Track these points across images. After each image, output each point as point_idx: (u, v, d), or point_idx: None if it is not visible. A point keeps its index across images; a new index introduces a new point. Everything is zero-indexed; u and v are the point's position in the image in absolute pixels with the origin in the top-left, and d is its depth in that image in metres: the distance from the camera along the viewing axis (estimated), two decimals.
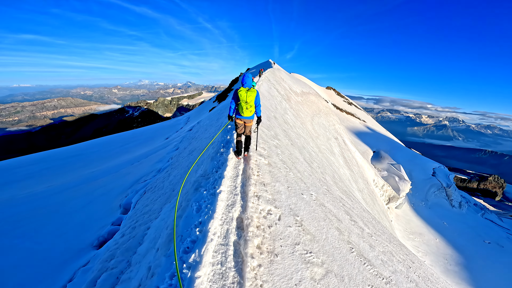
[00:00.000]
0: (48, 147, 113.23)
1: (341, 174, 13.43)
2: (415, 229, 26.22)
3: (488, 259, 22.41)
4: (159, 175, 7.28)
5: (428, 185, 37.71)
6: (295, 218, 3.79)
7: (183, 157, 7.87)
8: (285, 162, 6.02)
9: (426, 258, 21.17)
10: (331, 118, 30.44)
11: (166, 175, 6.88)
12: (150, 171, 8.10)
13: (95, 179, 8.80)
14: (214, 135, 7.70)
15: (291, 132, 10.74)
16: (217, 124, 9.77)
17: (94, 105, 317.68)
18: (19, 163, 15.59)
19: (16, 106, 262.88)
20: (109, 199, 6.65)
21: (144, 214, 5.14)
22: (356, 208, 7.27)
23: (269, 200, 3.87)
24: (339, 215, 5.23)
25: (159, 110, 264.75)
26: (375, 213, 13.99)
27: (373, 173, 25.75)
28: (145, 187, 6.71)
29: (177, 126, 26.53)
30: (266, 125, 8.22)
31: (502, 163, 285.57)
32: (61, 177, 10.27)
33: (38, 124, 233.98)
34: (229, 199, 3.62)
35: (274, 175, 4.82)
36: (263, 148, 5.90)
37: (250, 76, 4.89)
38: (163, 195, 5.52)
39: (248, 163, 4.86)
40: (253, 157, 5.15)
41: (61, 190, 8.07)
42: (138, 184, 7.21)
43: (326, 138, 20.49)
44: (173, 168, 7.17)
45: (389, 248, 5.56)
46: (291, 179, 5.19)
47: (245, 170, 4.57)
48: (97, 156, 14.55)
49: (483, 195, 72.52)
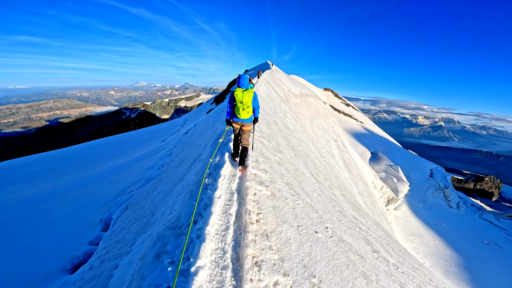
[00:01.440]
0: (44, 149, 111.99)
1: (342, 178, 13.21)
2: (414, 231, 26.17)
3: (487, 260, 22.40)
4: (146, 186, 6.70)
5: (426, 186, 37.81)
6: (311, 281, 2.81)
7: (173, 168, 7.20)
8: (291, 185, 5.06)
9: (426, 259, 21.09)
10: (329, 120, 30.41)
11: (151, 189, 6.26)
12: (139, 180, 7.59)
13: (84, 185, 8.42)
14: (207, 143, 6.96)
15: (292, 138, 10.32)
16: (212, 129, 9.25)
17: (90, 107, 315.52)
18: (12, 165, 15.25)
19: (11, 108, 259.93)
20: (91, 211, 6.15)
21: (117, 242, 4.22)
22: (371, 227, 6.65)
23: (275, 264, 2.75)
24: (360, 250, 4.37)
25: (157, 111, 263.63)
26: (375, 216, 13.86)
27: (372, 175, 25.71)
28: (129, 201, 6.11)
29: (174, 128, 26.27)
30: (267, 134, 7.66)
31: (498, 163, 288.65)
32: (52, 180, 9.95)
33: (33, 126, 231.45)
34: (211, 282, 2.22)
35: (279, 213, 3.75)
36: (264, 170, 4.90)
37: (246, 77, 4.72)
38: (141, 219, 4.69)
39: (244, 201, 3.57)
40: (252, 186, 4.03)
41: (47, 196, 7.71)
42: (124, 195, 6.70)
43: (326, 141, 20.39)
44: (160, 181, 6.51)
45: (417, 281, 4.92)
46: (300, 212, 4.20)
47: (239, 214, 3.28)
48: (91, 159, 14.24)
49: (479, 196, 72.99)
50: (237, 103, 4.58)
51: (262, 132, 7.49)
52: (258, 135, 6.83)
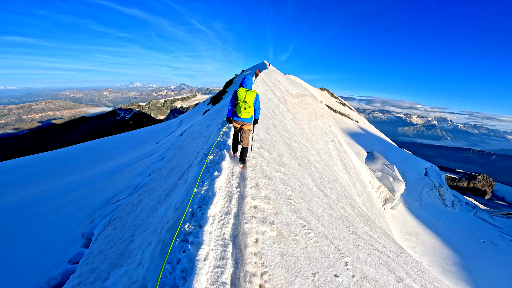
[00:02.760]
0: (36, 150, 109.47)
1: (342, 180, 13.00)
2: (411, 230, 26.29)
3: (484, 259, 22.61)
4: (132, 197, 6.17)
5: (421, 185, 38.15)
6: None
7: (162, 177, 6.59)
8: (300, 211, 4.36)
9: (423, 258, 21.15)
10: (327, 120, 30.37)
11: (136, 202, 5.64)
12: (127, 187, 7.13)
13: (71, 191, 7.99)
14: (199, 151, 6.42)
15: (293, 143, 9.97)
16: (207, 134, 8.75)
17: (84, 108, 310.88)
18: (1, 168, 14.71)
19: (3, 109, 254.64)
20: (74, 223, 5.64)
21: (91, 272, 3.49)
22: (385, 242, 6.17)
23: None
24: (386, 283, 3.88)
25: (152, 112, 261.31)
26: (374, 217, 13.76)
27: (369, 175, 25.73)
28: (112, 214, 5.58)
29: (169, 130, 25.85)
30: (267, 143, 7.07)
31: (490, 161, 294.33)
32: (41, 184, 9.47)
33: (25, 127, 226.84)
34: None
35: (289, 262, 2.94)
36: (266, 198, 4.07)
37: (250, 78, 4.78)
38: (119, 243, 4.00)
39: (242, 258, 2.66)
40: (252, 229, 3.16)
41: (33, 203, 7.25)
42: (109, 205, 6.20)
43: (324, 141, 20.26)
44: (147, 193, 5.91)
45: None
46: (314, 250, 3.45)
47: (235, 282, 2.36)
48: (82, 161, 13.79)
49: (473, 194, 74.15)
50: (239, 102, 4.63)
51: (261, 141, 6.96)
52: (258, 146, 6.41)
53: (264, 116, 10.15)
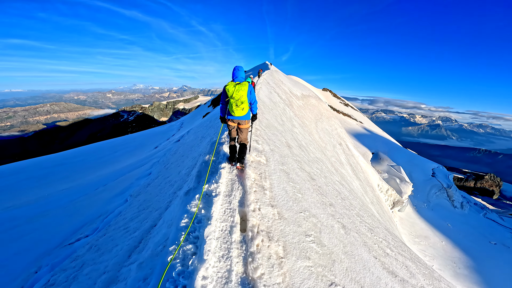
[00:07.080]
0: (41, 152, 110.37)
1: (355, 189, 11.94)
2: (420, 232, 25.58)
3: (497, 261, 21.82)
4: (94, 236, 5.04)
5: (428, 186, 37.35)
6: None
7: (138, 210, 5.42)
8: None
9: (434, 262, 20.47)
10: (332, 122, 29.73)
11: (96, 247, 4.44)
12: (97, 216, 5.94)
13: (50, 208, 7.12)
14: (194, 163, 5.52)
15: (312, 164, 7.86)
16: (203, 145, 7.37)
17: (88, 110, 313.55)
18: (2, 171, 14.47)
19: (8, 112, 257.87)
20: (16, 270, 4.47)
21: None
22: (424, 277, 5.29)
23: None
24: None
25: (155, 114, 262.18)
26: (386, 223, 13.16)
27: (377, 178, 25.11)
28: (60, 266, 4.33)
29: (169, 133, 25.50)
30: (291, 193, 4.32)
31: (497, 161, 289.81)
32: (32, 192, 8.96)
33: (30, 129, 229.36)
34: None
35: None
36: None
37: (241, 68, 4.09)
38: None
39: None
40: None
41: (13, 218, 6.46)
42: (63, 247, 4.96)
43: (332, 146, 19.60)
44: (116, 230, 4.86)
45: None
46: None
47: None
48: (80, 166, 13.42)
49: (480, 194, 72.67)
50: (230, 99, 3.98)
51: (287, 191, 4.29)
52: (270, 204, 3.82)
53: (273, 129, 7.98)
